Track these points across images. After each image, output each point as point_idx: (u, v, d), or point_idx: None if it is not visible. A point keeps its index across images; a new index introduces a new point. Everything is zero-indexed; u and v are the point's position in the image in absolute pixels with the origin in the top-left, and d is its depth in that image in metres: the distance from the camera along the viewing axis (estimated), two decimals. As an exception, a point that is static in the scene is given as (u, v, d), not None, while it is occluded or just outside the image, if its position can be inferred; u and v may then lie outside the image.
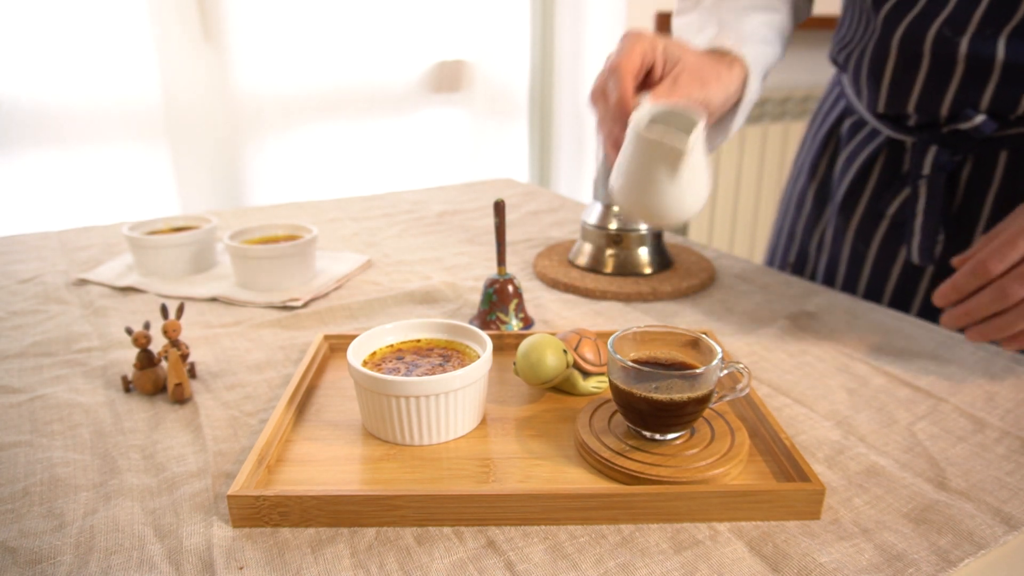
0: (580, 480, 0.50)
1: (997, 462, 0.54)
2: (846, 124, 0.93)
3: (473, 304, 0.82)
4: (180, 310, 0.64)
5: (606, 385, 0.61)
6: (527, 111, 2.08)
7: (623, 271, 0.89)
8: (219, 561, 0.44)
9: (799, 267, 1.03)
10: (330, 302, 0.83)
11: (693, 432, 0.53)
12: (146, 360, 0.62)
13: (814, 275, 1.00)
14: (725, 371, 0.52)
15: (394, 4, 1.71)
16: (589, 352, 0.60)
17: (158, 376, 0.63)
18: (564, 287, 0.87)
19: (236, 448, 0.55)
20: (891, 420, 0.59)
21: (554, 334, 0.61)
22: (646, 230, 0.89)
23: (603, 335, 0.67)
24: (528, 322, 0.76)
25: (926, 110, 0.79)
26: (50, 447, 0.55)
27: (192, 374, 0.66)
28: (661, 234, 0.92)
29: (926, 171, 0.80)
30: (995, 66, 0.72)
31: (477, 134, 1.98)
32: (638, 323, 0.73)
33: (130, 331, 0.62)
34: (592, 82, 0.66)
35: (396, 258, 0.98)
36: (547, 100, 2.10)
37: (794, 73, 2.26)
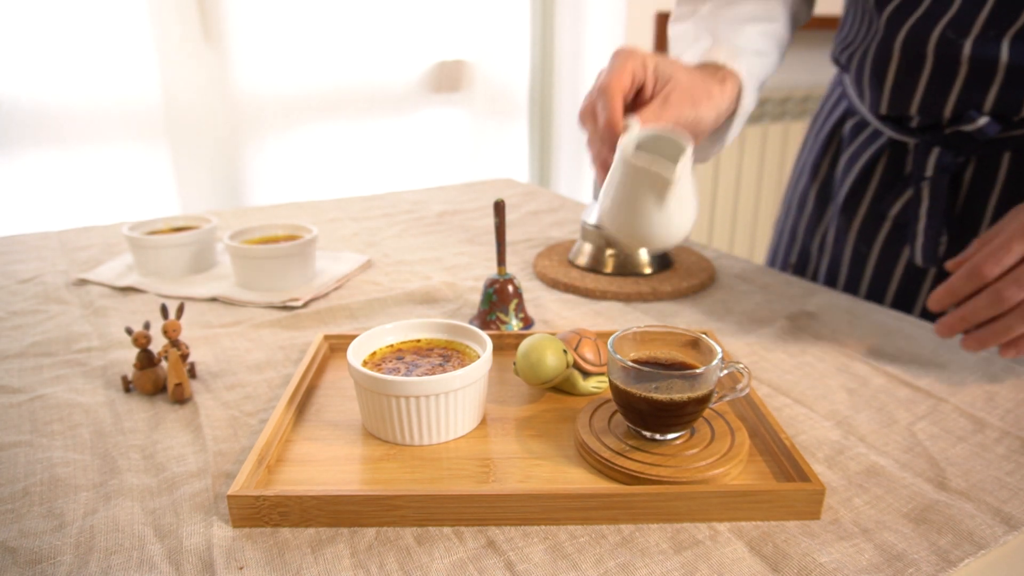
0: (580, 480, 0.50)
1: (997, 462, 0.54)
2: (848, 125, 0.93)
3: (473, 304, 0.82)
4: (180, 310, 0.64)
5: (606, 385, 0.61)
6: (527, 111, 2.08)
7: (623, 271, 0.89)
8: (219, 561, 0.44)
9: (801, 268, 1.02)
10: (330, 302, 0.83)
11: (693, 432, 0.53)
12: (146, 360, 0.63)
13: (816, 276, 0.99)
14: (725, 371, 0.52)
15: (394, 4, 1.71)
16: (589, 352, 0.60)
17: (158, 376, 0.63)
18: (564, 287, 0.87)
19: (236, 448, 0.55)
20: (891, 420, 0.59)
21: (554, 334, 0.61)
22: None
23: (603, 335, 0.67)
24: (528, 322, 0.76)
25: (929, 112, 0.78)
26: (50, 447, 0.55)
27: (192, 374, 0.66)
28: None
29: (929, 173, 0.80)
30: (999, 68, 0.72)
31: (477, 134, 1.98)
32: (638, 323, 0.73)
33: (130, 331, 0.62)
34: (590, 84, 0.66)
35: (396, 258, 0.98)
36: (547, 100, 2.10)
37: (794, 73, 2.26)
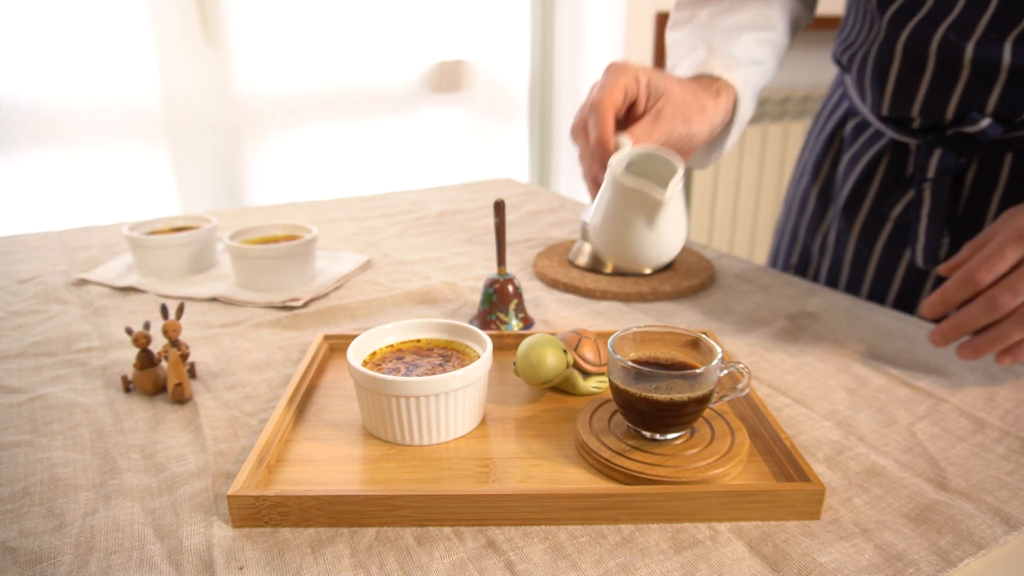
0: (580, 480, 0.50)
1: (997, 462, 0.54)
2: (849, 125, 0.92)
3: (473, 304, 0.82)
4: (180, 310, 0.64)
5: (606, 385, 0.61)
6: (527, 111, 2.08)
7: (623, 271, 0.89)
8: (219, 561, 0.44)
9: (802, 269, 1.02)
10: (330, 302, 0.83)
11: (693, 432, 0.53)
12: (146, 360, 0.62)
13: (817, 277, 0.99)
14: (725, 371, 0.52)
15: (394, 4, 1.71)
16: (589, 352, 0.60)
17: (158, 376, 0.63)
18: (564, 287, 0.87)
19: (236, 448, 0.55)
20: (891, 420, 0.59)
21: (554, 334, 0.61)
22: None
23: (603, 335, 0.67)
24: (528, 322, 0.76)
25: (931, 113, 0.78)
26: (50, 447, 0.55)
27: (192, 374, 0.66)
28: None
29: (931, 174, 0.80)
30: (1001, 70, 0.71)
31: (477, 134, 1.98)
32: (638, 323, 0.73)
33: (130, 331, 0.62)
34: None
35: (396, 258, 0.98)
36: (547, 100, 2.10)
37: (794, 73, 2.26)
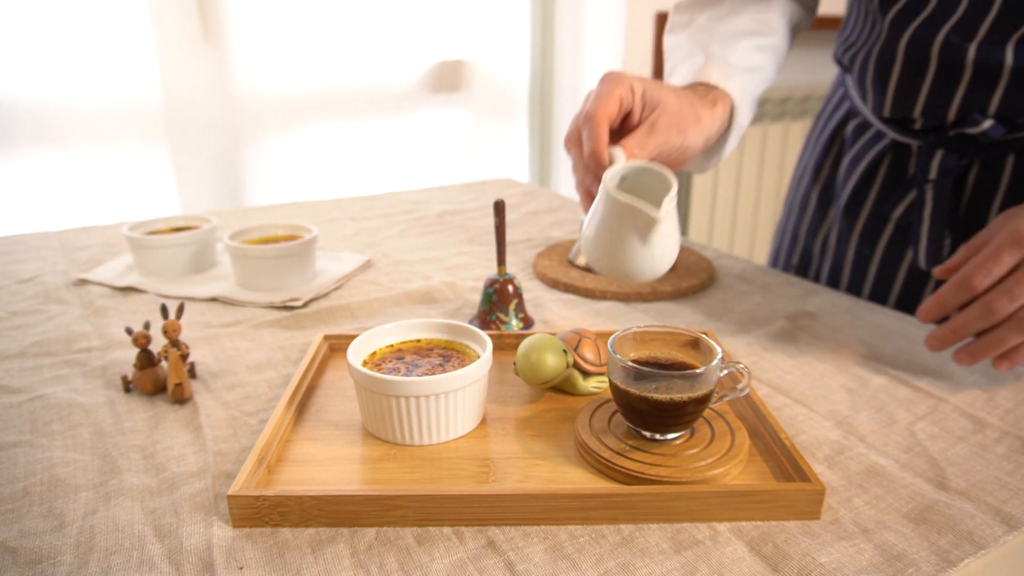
0: (580, 480, 0.50)
1: (997, 462, 0.54)
2: (850, 126, 0.92)
3: (473, 304, 0.82)
4: (180, 310, 0.64)
5: (606, 385, 0.61)
6: (527, 111, 2.08)
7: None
8: (219, 561, 0.44)
9: (803, 270, 1.02)
10: (330, 302, 0.83)
11: (693, 432, 0.53)
12: (146, 360, 0.62)
13: (818, 278, 0.99)
14: (725, 371, 0.52)
15: (394, 4, 1.71)
16: (589, 352, 0.60)
17: (158, 376, 0.63)
18: (564, 287, 0.87)
19: (236, 448, 0.55)
20: (891, 420, 0.59)
21: (554, 334, 0.61)
22: None
23: (603, 335, 0.67)
24: (528, 322, 0.76)
25: (932, 115, 0.78)
26: (50, 447, 0.55)
27: (192, 374, 0.66)
28: None
29: (932, 175, 0.79)
30: (1003, 72, 0.71)
31: (477, 134, 1.98)
32: (638, 323, 0.73)
33: (130, 331, 0.62)
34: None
35: (396, 258, 0.98)
36: (547, 100, 2.10)
37: (794, 73, 2.26)
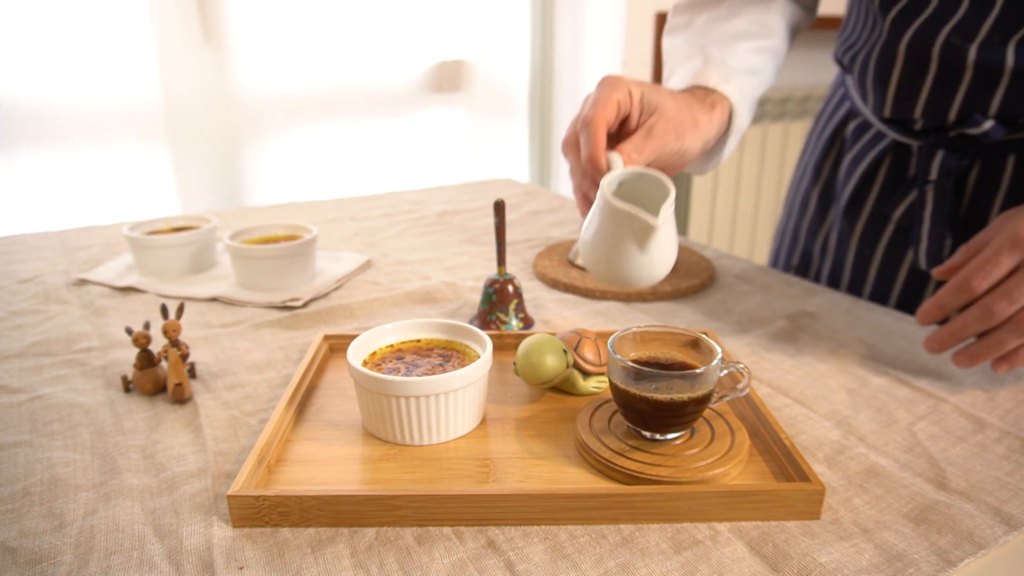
0: (580, 480, 0.50)
1: (997, 462, 0.54)
2: (851, 126, 0.92)
3: (473, 304, 0.82)
4: (180, 310, 0.64)
5: (606, 385, 0.61)
6: (527, 111, 2.08)
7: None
8: (219, 561, 0.44)
9: (803, 270, 1.02)
10: (330, 302, 0.83)
11: (693, 432, 0.53)
12: (146, 360, 0.63)
13: (818, 278, 0.98)
14: (725, 371, 0.52)
15: (394, 4, 1.71)
16: (589, 352, 0.60)
17: (158, 376, 0.63)
18: (564, 287, 0.87)
19: (236, 448, 0.55)
20: (891, 420, 0.59)
21: (554, 334, 0.61)
22: None
23: (603, 335, 0.67)
24: (528, 322, 0.76)
25: (933, 115, 0.78)
26: (50, 447, 0.55)
27: (192, 374, 0.66)
28: None
29: (933, 175, 0.79)
30: (1004, 73, 0.71)
31: (477, 134, 1.98)
32: (638, 323, 0.73)
33: (130, 331, 0.62)
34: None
35: (396, 258, 0.98)
36: (547, 100, 2.10)
37: (794, 73, 2.26)
